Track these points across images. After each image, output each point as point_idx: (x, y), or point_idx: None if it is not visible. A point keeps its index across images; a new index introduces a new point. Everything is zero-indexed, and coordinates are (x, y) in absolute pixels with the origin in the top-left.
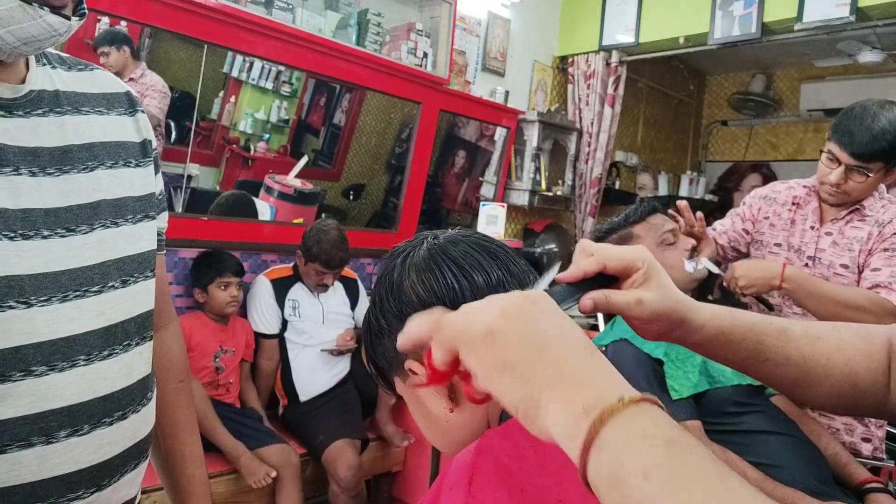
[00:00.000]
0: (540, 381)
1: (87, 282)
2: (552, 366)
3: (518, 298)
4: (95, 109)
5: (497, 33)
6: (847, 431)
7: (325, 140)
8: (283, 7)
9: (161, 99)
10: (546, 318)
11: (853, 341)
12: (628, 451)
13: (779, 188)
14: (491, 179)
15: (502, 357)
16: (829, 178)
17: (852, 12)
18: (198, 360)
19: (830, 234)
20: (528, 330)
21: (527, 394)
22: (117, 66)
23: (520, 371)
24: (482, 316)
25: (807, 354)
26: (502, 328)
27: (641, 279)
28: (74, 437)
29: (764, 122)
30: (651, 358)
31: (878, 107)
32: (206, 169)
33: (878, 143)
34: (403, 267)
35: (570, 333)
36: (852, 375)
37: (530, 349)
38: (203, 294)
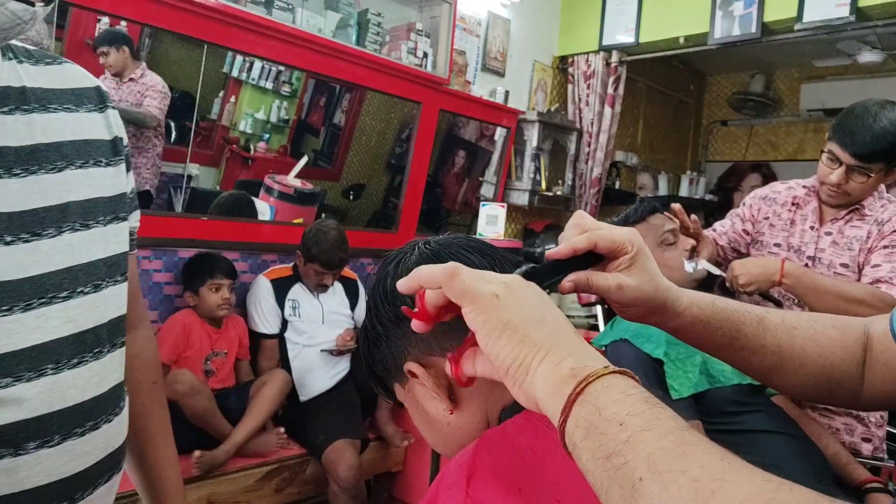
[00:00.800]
0: (535, 344)
1: (53, 288)
2: (547, 333)
3: (518, 278)
4: (64, 106)
5: (497, 33)
6: (847, 431)
7: (325, 140)
8: (283, 7)
9: (161, 99)
10: (542, 301)
11: (829, 332)
12: (607, 403)
13: (778, 188)
14: (491, 179)
15: (506, 317)
16: (830, 179)
17: (852, 12)
18: (189, 362)
19: (830, 234)
20: (528, 302)
21: (521, 354)
22: (117, 66)
23: (520, 332)
24: (489, 282)
25: (783, 344)
26: (506, 295)
27: (627, 263)
28: (45, 448)
29: (764, 122)
30: (651, 358)
31: (880, 107)
32: (206, 169)
33: (879, 144)
34: (397, 272)
35: (561, 315)
36: (827, 366)
37: (530, 317)
38: (194, 297)
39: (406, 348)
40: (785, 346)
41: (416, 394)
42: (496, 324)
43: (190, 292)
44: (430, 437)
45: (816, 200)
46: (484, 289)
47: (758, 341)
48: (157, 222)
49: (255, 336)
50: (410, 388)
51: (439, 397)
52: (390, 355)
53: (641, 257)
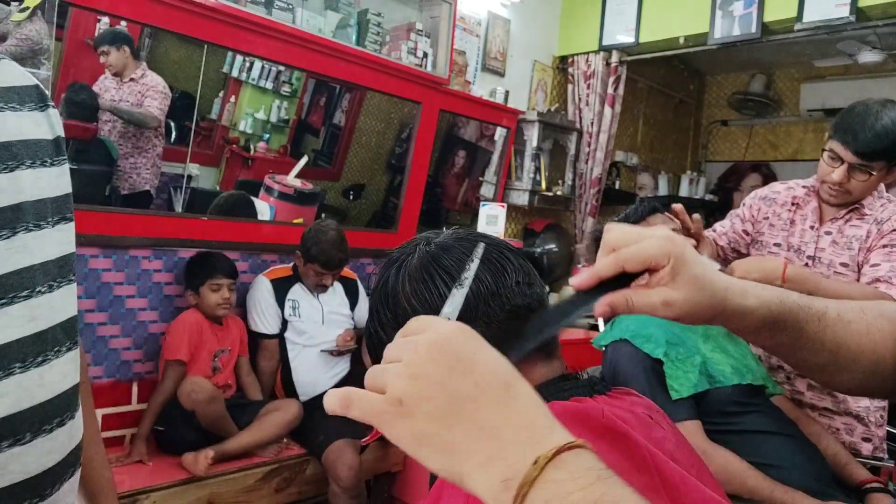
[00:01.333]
0: (457, 452)
1: (13, 288)
2: (466, 431)
3: (423, 351)
4: (9, 105)
5: (497, 33)
6: (847, 431)
7: (325, 140)
8: (282, 7)
9: (162, 100)
10: (458, 368)
11: (879, 323)
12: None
13: (778, 188)
14: (491, 179)
15: (415, 429)
16: (832, 177)
17: (852, 12)
18: (200, 359)
19: (830, 234)
20: (437, 389)
21: (446, 465)
22: (117, 66)
23: (434, 442)
24: (392, 381)
25: (840, 341)
26: (409, 394)
27: (669, 276)
28: (18, 446)
29: (764, 122)
30: (651, 358)
31: (881, 105)
32: (206, 169)
33: (881, 142)
34: (397, 277)
35: (484, 378)
36: (878, 361)
37: (442, 415)
38: (195, 296)
39: None
40: (842, 344)
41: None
42: (409, 439)
43: (191, 291)
44: None
45: (816, 200)
46: (383, 403)
47: (818, 339)
48: (156, 222)
49: (255, 336)
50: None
51: None
52: None
53: (684, 266)
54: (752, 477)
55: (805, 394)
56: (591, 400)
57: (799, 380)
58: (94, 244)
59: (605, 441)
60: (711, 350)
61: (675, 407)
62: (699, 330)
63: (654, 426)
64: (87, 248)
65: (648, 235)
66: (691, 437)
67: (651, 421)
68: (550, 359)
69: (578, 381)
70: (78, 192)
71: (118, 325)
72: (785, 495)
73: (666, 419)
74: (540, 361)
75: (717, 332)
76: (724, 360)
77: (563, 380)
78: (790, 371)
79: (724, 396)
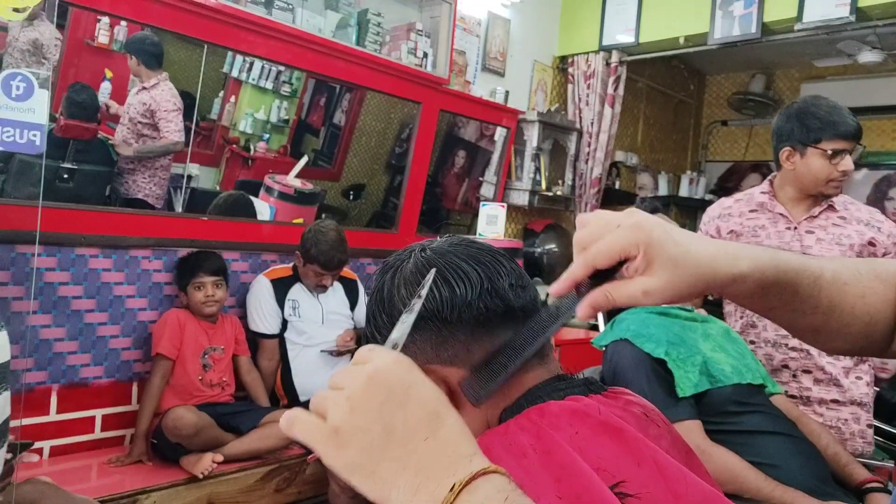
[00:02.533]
0: (384, 482)
1: None
2: (395, 462)
3: (362, 384)
4: None
5: (497, 33)
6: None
7: (324, 140)
8: (282, 7)
9: (176, 117)
10: (391, 402)
11: (874, 285)
12: None
13: (727, 203)
14: (491, 179)
15: (347, 458)
16: (848, 166)
17: (852, 12)
18: (187, 356)
19: (812, 232)
20: (371, 422)
21: (375, 492)
22: (131, 72)
23: (366, 470)
24: (332, 409)
25: (835, 303)
26: (345, 425)
27: (643, 265)
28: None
29: (764, 122)
30: (651, 358)
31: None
32: (206, 169)
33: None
34: (393, 282)
35: (415, 413)
36: (871, 324)
37: (373, 448)
38: (185, 296)
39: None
40: (836, 305)
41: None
42: (342, 467)
43: (182, 292)
44: None
45: (780, 203)
46: (321, 431)
47: (812, 302)
48: (156, 222)
49: (255, 336)
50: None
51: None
52: None
53: (656, 251)
54: (752, 477)
55: (812, 389)
56: (588, 399)
57: (805, 376)
58: (94, 244)
59: (606, 437)
60: (712, 349)
61: (676, 406)
62: (699, 329)
63: (649, 424)
64: (87, 248)
65: (616, 226)
66: (691, 437)
67: (647, 419)
68: (545, 361)
69: (574, 381)
70: (78, 193)
71: (118, 325)
72: (785, 495)
73: (661, 417)
74: (534, 364)
75: (716, 331)
76: (725, 360)
77: (558, 380)
78: (795, 369)
79: (723, 396)
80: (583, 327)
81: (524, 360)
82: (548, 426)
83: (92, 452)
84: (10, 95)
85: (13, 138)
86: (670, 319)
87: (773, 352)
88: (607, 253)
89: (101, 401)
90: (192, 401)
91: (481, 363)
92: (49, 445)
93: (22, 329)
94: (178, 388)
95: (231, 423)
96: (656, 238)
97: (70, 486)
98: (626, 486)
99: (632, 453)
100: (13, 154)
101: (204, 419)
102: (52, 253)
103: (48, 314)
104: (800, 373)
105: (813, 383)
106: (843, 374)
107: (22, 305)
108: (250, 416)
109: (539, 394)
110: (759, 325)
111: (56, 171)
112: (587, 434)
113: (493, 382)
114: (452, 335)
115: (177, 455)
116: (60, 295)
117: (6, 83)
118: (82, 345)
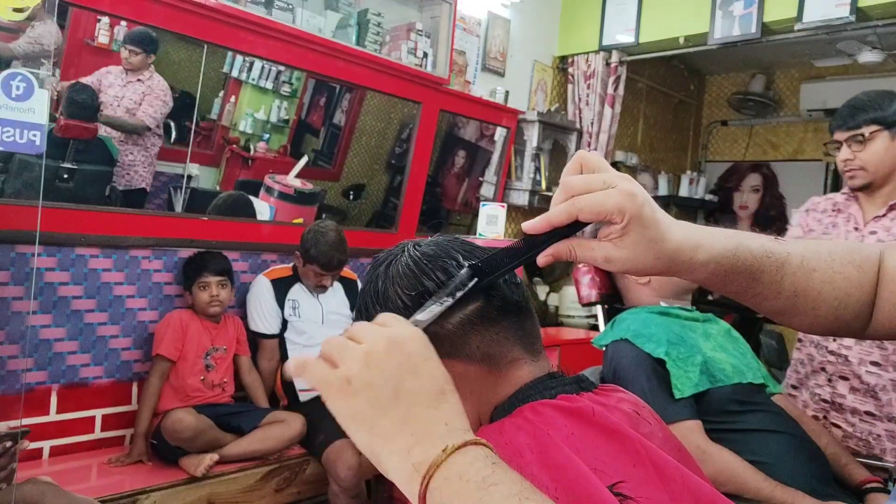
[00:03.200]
0: (381, 435)
1: None
2: (395, 420)
3: (383, 344)
4: None
5: (497, 33)
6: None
7: (324, 140)
8: (282, 7)
9: (159, 107)
10: (407, 367)
11: (846, 270)
12: (449, 495)
13: (817, 199)
14: (491, 179)
15: (353, 407)
16: (840, 157)
17: (852, 12)
18: (189, 356)
19: (875, 233)
20: (383, 380)
21: (371, 444)
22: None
23: (367, 422)
24: (348, 361)
25: (799, 288)
26: (359, 377)
27: (619, 233)
28: None
29: (764, 121)
30: (652, 357)
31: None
32: (206, 169)
33: (859, 110)
34: (387, 275)
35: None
36: (840, 308)
37: (379, 401)
38: (190, 296)
39: None
40: (801, 291)
41: None
42: (345, 414)
43: (187, 292)
44: None
45: (856, 203)
46: (333, 377)
47: (775, 288)
48: (157, 222)
49: (254, 336)
50: None
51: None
52: None
53: (637, 226)
54: (752, 477)
55: (847, 396)
56: (578, 397)
57: (841, 382)
58: (94, 244)
59: (603, 438)
60: (712, 349)
61: (676, 406)
62: (699, 329)
63: (641, 422)
64: (88, 248)
65: (612, 184)
66: (691, 437)
67: (638, 417)
68: (536, 359)
69: (565, 379)
70: (78, 192)
71: (118, 325)
72: (785, 495)
73: (653, 415)
74: (526, 361)
75: (717, 331)
76: (725, 359)
77: (550, 378)
78: (832, 374)
79: (724, 395)
80: (583, 327)
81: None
82: (543, 425)
83: (92, 452)
84: (10, 95)
85: (13, 138)
86: (671, 319)
87: (815, 352)
88: (594, 211)
89: (102, 401)
90: (193, 401)
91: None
92: (49, 445)
93: (22, 329)
94: (180, 389)
95: (232, 423)
96: (645, 215)
97: (70, 486)
98: (624, 487)
99: (628, 453)
100: (13, 154)
101: (203, 422)
102: (52, 253)
103: (48, 314)
104: (836, 378)
105: (848, 391)
106: (883, 388)
107: (22, 305)
108: (251, 417)
109: (530, 392)
110: None
111: (56, 171)
112: (583, 434)
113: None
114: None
115: (176, 456)
116: (60, 295)
117: (6, 83)
118: (82, 345)
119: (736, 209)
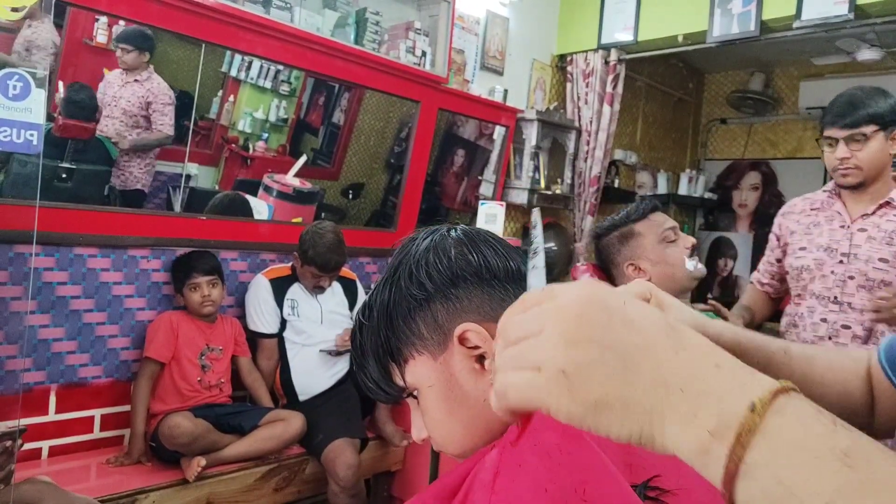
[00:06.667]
0: (643, 411)
1: None
2: (649, 387)
3: (571, 312)
4: None
5: (496, 32)
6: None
7: (323, 139)
8: (281, 6)
9: (171, 112)
10: (615, 322)
11: (843, 361)
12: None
13: (795, 201)
14: (490, 178)
15: (590, 397)
16: (837, 155)
17: (851, 10)
18: (184, 358)
19: (864, 230)
20: (603, 348)
21: (635, 428)
22: (132, 66)
23: (617, 407)
24: (545, 353)
25: (806, 373)
26: (573, 362)
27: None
28: None
29: (763, 120)
30: None
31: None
32: (204, 168)
33: (857, 107)
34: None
35: (647, 327)
36: (845, 395)
37: (617, 374)
38: (181, 298)
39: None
40: (808, 376)
41: (452, 368)
42: (585, 410)
43: (178, 294)
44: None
45: (840, 201)
46: (543, 384)
47: (786, 370)
48: (155, 222)
49: (253, 335)
50: (446, 361)
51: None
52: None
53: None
54: None
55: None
56: None
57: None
58: (92, 244)
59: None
60: None
61: None
62: None
63: None
64: (86, 248)
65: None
66: None
67: None
68: None
69: None
70: (76, 192)
71: (117, 324)
72: None
73: None
74: None
75: None
76: None
77: None
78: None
79: None
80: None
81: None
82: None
83: (91, 452)
84: (7, 95)
85: (10, 138)
86: None
87: None
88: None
89: (100, 400)
90: (190, 402)
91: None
92: (48, 445)
93: (20, 329)
94: (176, 390)
95: (231, 423)
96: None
97: (69, 485)
98: (661, 481)
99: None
100: (11, 153)
101: (200, 426)
102: (50, 253)
103: (46, 314)
104: None
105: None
106: None
107: (20, 305)
108: (251, 416)
109: None
110: (800, 326)
111: (54, 171)
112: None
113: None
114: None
115: (174, 458)
116: (59, 295)
117: (3, 83)
118: (81, 344)
119: (735, 207)
